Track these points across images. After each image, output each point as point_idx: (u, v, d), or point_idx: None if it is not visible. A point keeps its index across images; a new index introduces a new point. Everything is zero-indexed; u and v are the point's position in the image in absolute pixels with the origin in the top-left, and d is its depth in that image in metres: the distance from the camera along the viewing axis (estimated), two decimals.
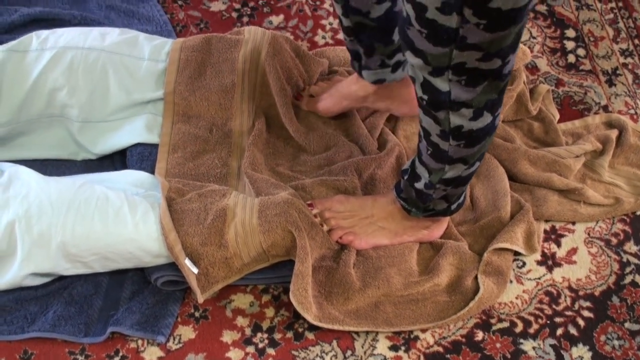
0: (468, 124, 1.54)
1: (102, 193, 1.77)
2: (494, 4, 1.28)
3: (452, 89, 1.46)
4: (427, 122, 1.59)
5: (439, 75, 1.45)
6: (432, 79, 1.46)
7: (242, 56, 2.06)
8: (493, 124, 1.58)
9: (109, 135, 2.02)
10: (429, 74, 1.45)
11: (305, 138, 2.07)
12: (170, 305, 1.82)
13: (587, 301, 1.89)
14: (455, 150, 1.61)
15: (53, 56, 1.97)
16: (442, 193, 1.76)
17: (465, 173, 1.70)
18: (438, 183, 1.72)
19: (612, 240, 2.00)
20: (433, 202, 1.80)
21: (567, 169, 2.05)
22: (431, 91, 1.49)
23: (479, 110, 1.52)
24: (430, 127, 1.60)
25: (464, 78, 1.44)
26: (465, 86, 1.46)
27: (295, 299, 1.74)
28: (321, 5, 2.45)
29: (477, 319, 1.85)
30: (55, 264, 1.75)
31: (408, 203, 1.84)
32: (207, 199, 1.81)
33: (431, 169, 1.70)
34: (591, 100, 2.26)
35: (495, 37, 1.35)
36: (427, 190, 1.76)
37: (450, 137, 1.58)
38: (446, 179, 1.70)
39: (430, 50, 1.40)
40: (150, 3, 2.38)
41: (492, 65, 1.42)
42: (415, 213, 1.85)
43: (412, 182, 1.78)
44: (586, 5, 2.52)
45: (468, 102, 1.49)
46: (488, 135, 1.60)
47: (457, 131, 1.56)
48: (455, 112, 1.51)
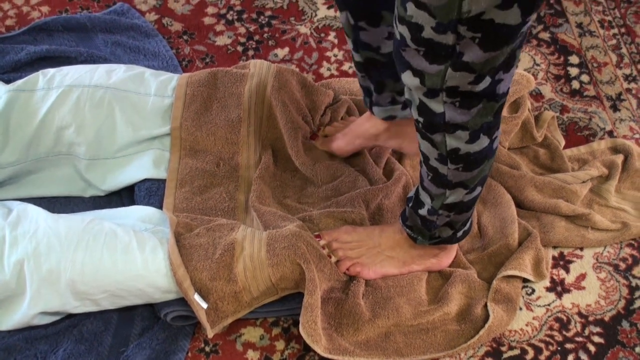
0: (465, 147, 1.54)
1: (110, 229, 1.78)
2: (487, 16, 1.29)
3: (447, 110, 1.47)
4: (425, 146, 1.60)
5: (433, 97, 1.45)
6: (427, 101, 1.47)
7: (247, 90, 2.07)
8: (491, 147, 1.58)
9: (116, 171, 2.02)
10: (424, 95, 1.46)
11: (312, 170, 2.07)
12: (180, 341, 1.82)
13: (597, 327, 1.89)
14: (454, 174, 1.62)
15: (60, 95, 1.98)
16: (445, 219, 1.76)
17: (467, 198, 1.70)
18: (440, 209, 1.72)
19: (620, 265, 1.99)
20: (438, 230, 1.80)
21: (574, 194, 2.05)
22: (426, 113, 1.49)
23: (475, 133, 1.52)
24: (428, 151, 1.60)
25: (457, 100, 1.45)
26: (460, 108, 1.46)
27: (305, 332, 1.74)
28: (326, 37, 2.47)
29: (487, 347, 1.85)
30: (64, 302, 1.76)
31: (414, 231, 1.84)
32: (216, 233, 1.82)
33: (433, 195, 1.70)
34: (596, 126, 2.27)
35: (488, 57, 1.36)
36: (430, 217, 1.76)
37: (448, 161, 1.58)
38: (448, 204, 1.70)
39: (427, 69, 1.40)
40: (156, 39, 2.40)
41: (484, 84, 1.42)
42: (422, 241, 1.85)
43: (416, 209, 1.78)
44: (589, 31, 2.53)
45: (463, 125, 1.50)
46: (486, 158, 1.60)
47: (454, 154, 1.56)
48: (451, 134, 1.52)
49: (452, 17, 1.30)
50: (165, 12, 2.50)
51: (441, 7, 1.29)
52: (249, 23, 2.49)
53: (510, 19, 1.30)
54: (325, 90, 2.19)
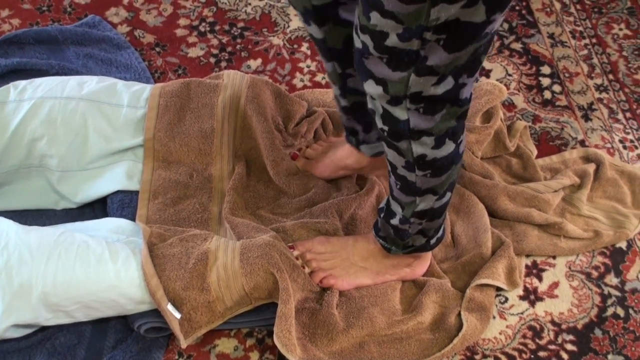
0: (431, 153, 1.55)
1: (82, 241, 1.76)
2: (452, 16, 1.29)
3: (411, 117, 1.47)
4: (391, 155, 1.60)
5: (397, 104, 1.45)
6: (390, 109, 1.46)
7: (221, 101, 2.07)
8: (457, 151, 1.59)
9: (89, 183, 2.01)
10: (388, 103, 1.46)
11: (286, 181, 2.07)
12: (154, 353, 1.81)
13: (570, 334, 1.89)
14: (422, 180, 1.62)
15: (31, 107, 1.97)
16: (418, 227, 1.76)
17: (437, 204, 1.70)
18: (412, 217, 1.72)
19: (592, 273, 2.00)
20: (411, 238, 1.80)
21: (546, 203, 2.06)
22: (390, 121, 1.49)
23: (440, 138, 1.52)
24: (395, 160, 1.60)
25: (421, 106, 1.45)
26: (424, 114, 1.46)
27: (279, 341, 1.73)
28: (299, 48, 2.47)
29: (461, 355, 1.85)
30: (36, 315, 1.74)
31: (387, 241, 1.84)
32: (189, 243, 1.81)
33: (403, 204, 1.70)
34: (568, 136, 2.28)
35: (453, 58, 1.36)
36: (402, 226, 1.76)
37: (415, 168, 1.58)
38: (419, 211, 1.71)
39: (390, 77, 1.40)
40: (128, 51, 2.39)
41: (447, 86, 1.42)
42: (395, 251, 1.85)
43: (388, 220, 1.78)
44: (561, 42, 2.54)
45: (428, 131, 1.50)
46: (453, 163, 1.61)
47: (421, 160, 1.56)
48: (416, 141, 1.52)
49: (420, 23, 1.30)
50: (137, 24, 2.50)
51: (409, 15, 1.29)
52: (222, 34, 2.49)
53: (476, 17, 1.30)
54: (299, 100, 2.19)
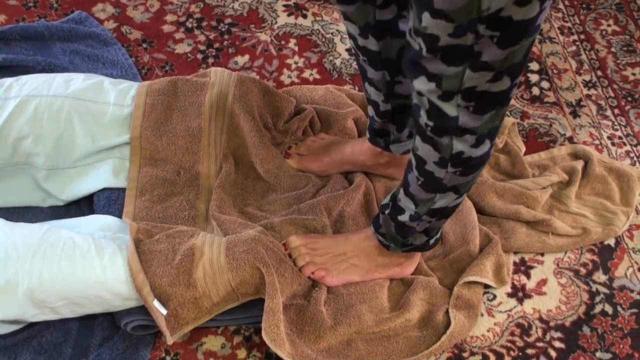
0: (469, 151, 1.53)
1: (68, 237, 1.76)
2: (505, 13, 1.28)
3: (460, 115, 1.45)
4: (424, 150, 1.58)
5: (448, 100, 1.43)
6: (441, 104, 1.45)
7: (208, 100, 2.06)
8: (489, 151, 1.58)
9: (75, 181, 2.01)
10: (439, 98, 1.44)
11: (276, 177, 2.07)
12: (141, 350, 1.80)
13: (558, 332, 1.90)
14: (451, 177, 1.60)
15: (17, 105, 1.96)
16: (425, 225, 1.76)
17: (453, 203, 1.69)
18: (425, 214, 1.71)
19: (581, 271, 2.00)
20: (413, 237, 1.80)
21: (535, 200, 2.06)
22: (438, 117, 1.48)
23: (481, 137, 1.51)
24: (427, 155, 1.58)
25: (472, 104, 1.43)
26: (473, 113, 1.45)
27: (268, 336, 1.73)
28: (286, 44, 2.46)
29: (449, 353, 1.85)
30: (22, 311, 1.73)
31: (386, 238, 1.84)
32: (175, 239, 1.80)
33: (419, 200, 1.69)
34: (556, 132, 2.28)
35: (507, 54, 1.35)
36: (411, 223, 1.75)
37: (449, 164, 1.57)
38: (435, 209, 1.69)
39: (445, 72, 1.39)
40: (114, 47, 2.38)
41: (502, 86, 1.41)
42: (394, 248, 1.85)
43: (394, 216, 1.77)
44: (549, 38, 2.54)
45: (474, 129, 1.49)
46: (483, 163, 1.60)
47: (457, 158, 1.55)
48: (459, 137, 1.50)
49: (472, 17, 1.28)
50: (124, 20, 2.49)
51: (460, 10, 1.28)
52: (209, 31, 2.48)
53: (529, 13, 1.29)
54: (287, 97, 2.18)
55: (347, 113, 2.20)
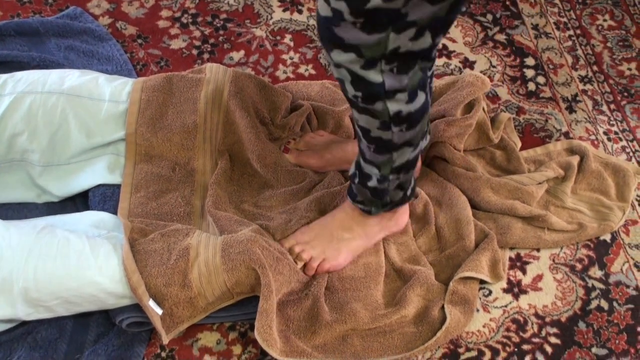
0: (406, 107, 1.55)
1: (63, 236, 1.76)
2: None
3: (386, 79, 1.46)
4: (364, 120, 1.60)
5: (371, 68, 1.44)
6: (364, 73, 1.45)
7: (203, 96, 2.06)
8: (428, 100, 1.59)
9: (70, 177, 2.00)
10: (361, 68, 1.45)
11: (274, 173, 2.07)
12: (136, 347, 1.80)
13: (553, 327, 1.89)
14: (399, 135, 1.62)
15: (12, 102, 1.95)
16: (396, 182, 1.77)
17: (412, 155, 1.71)
18: (391, 174, 1.73)
19: (576, 266, 2.00)
20: (390, 195, 1.81)
21: (530, 196, 2.06)
22: (364, 86, 1.49)
23: (413, 92, 1.53)
24: (368, 124, 1.60)
25: (395, 65, 1.44)
26: (398, 74, 1.46)
27: (260, 336, 1.73)
28: (281, 40, 2.46)
29: (445, 349, 1.85)
30: (17, 310, 1.73)
31: (365, 204, 1.85)
32: (171, 238, 1.80)
33: (379, 163, 1.70)
34: (552, 127, 2.27)
35: (435, 10, 1.36)
36: (381, 185, 1.76)
37: (391, 125, 1.58)
38: (397, 166, 1.71)
39: (366, 41, 1.39)
40: (109, 43, 2.38)
41: (423, 44, 1.42)
42: (376, 211, 1.86)
43: (364, 183, 1.78)
44: (545, 33, 2.54)
45: (402, 88, 1.50)
46: (426, 112, 1.61)
47: (397, 117, 1.56)
48: (391, 99, 1.52)
49: None
50: (119, 16, 2.49)
51: None
52: (204, 26, 2.48)
53: None
54: (284, 92, 2.18)
55: (343, 110, 2.20)
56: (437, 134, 2.10)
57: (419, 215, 2.05)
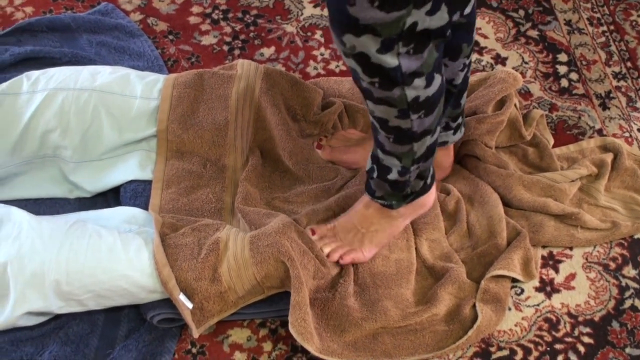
0: (424, 93, 1.53)
1: (94, 231, 1.77)
2: None
3: (402, 61, 1.44)
4: (381, 110, 1.57)
5: (388, 50, 1.41)
6: (381, 57, 1.42)
7: (235, 93, 2.06)
8: (443, 82, 1.58)
9: (102, 173, 2.01)
10: (377, 52, 1.41)
11: (305, 169, 2.07)
12: (167, 342, 1.81)
13: (586, 327, 1.88)
14: (418, 123, 1.59)
15: (44, 98, 1.96)
16: (416, 172, 1.75)
17: (432, 141, 1.68)
18: (412, 165, 1.71)
19: (610, 265, 1.99)
20: (410, 186, 1.79)
21: (563, 193, 2.04)
22: (380, 71, 1.45)
23: (430, 75, 1.51)
24: (386, 114, 1.57)
25: (412, 47, 1.42)
26: (414, 54, 1.44)
27: (295, 330, 1.73)
28: (312, 36, 2.46)
29: (476, 347, 1.84)
30: (49, 303, 1.74)
31: (386, 199, 1.83)
32: (201, 233, 1.81)
33: (400, 154, 1.68)
34: (585, 124, 2.26)
35: None
36: (402, 177, 1.74)
37: (410, 112, 1.56)
38: (418, 157, 1.69)
39: (383, 19, 1.35)
40: (141, 39, 2.38)
41: (440, 20, 1.41)
42: (397, 204, 1.84)
43: (384, 177, 1.76)
44: (578, 29, 2.52)
45: (419, 71, 1.48)
46: (442, 96, 1.59)
47: (415, 103, 1.54)
48: (409, 85, 1.49)
49: None
50: (150, 12, 2.49)
51: None
52: (235, 22, 2.48)
53: None
54: (315, 88, 2.17)
55: None
56: (469, 131, 2.09)
57: (450, 212, 2.04)
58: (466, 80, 1.90)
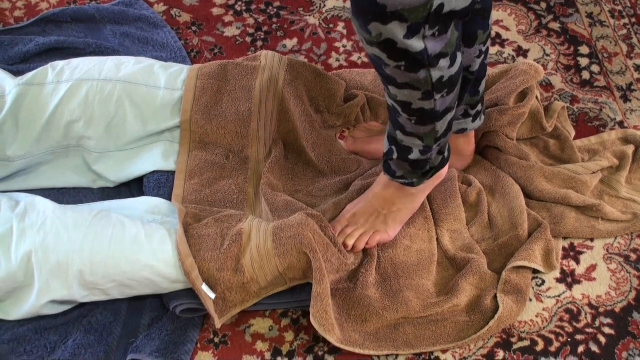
0: (447, 72, 1.53)
1: (118, 220, 1.78)
2: None
3: (427, 44, 1.43)
4: (404, 94, 1.56)
5: (414, 35, 1.40)
6: (407, 42, 1.41)
7: (258, 84, 2.06)
8: (461, 60, 1.58)
9: (126, 163, 2.03)
10: (404, 37, 1.40)
11: (328, 161, 2.08)
12: (189, 332, 1.82)
13: (607, 318, 1.88)
14: (441, 102, 1.59)
15: (69, 89, 1.98)
16: (437, 149, 1.75)
17: (451, 117, 1.69)
18: (435, 143, 1.71)
19: (631, 256, 1.99)
20: (431, 162, 1.79)
21: (584, 185, 2.05)
22: (407, 56, 1.45)
23: (453, 55, 1.51)
24: (410, 97, 1.57)
25: (437, 29, 1.42)
26: (439, 36, 1.44)
27: (317, 322, 1.74)
28: (335, 28, 2.46)
29: (497, 338, 1.85)
30: (72, 292, 1.76)
31: (407, 177, 1.83)
32: (224, 224, 1.81)
33: (422, 134, 1.68)
34: (606, 117, 2.26)
35: None
36: (424, 156, 1.74)
37: (434, 93, 1.56)
38: (440, 135, 1.70)
39: (412, 3, 1.35)
40: (164, 30, 2.39)
41: (466, 2, 1.42)
42: (419, 182, 1.84)
43: (405, 157, 1.76)
44: (599, 21, 2.52)
45: (444, 52, 1.48)
46: (461, 72, 1.60)
47: (439, 83, 1.54)
48: (435, 67, 1.49)
49: None
50: (174, 3, 2.50)
51: None
52: (258, 14, 2.48)
53: None
54: (338, 80, 2.18)
55: None
56: (490, 123, 2.09)
57: (472, 203, 2.04)
58: (483, 67, 1.90)
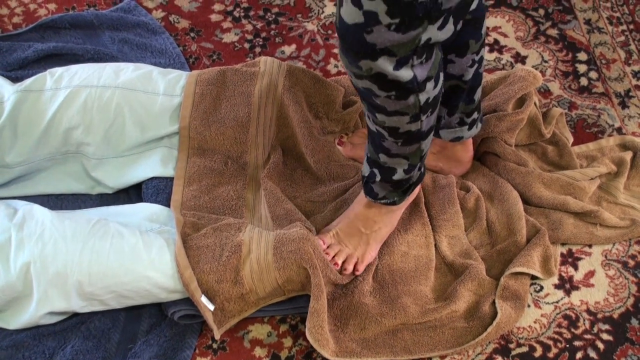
0: (432, 93, 1.54)
1: (116, 230, 1.78)
2: None
3: (416, 72, 1.45)
4: (393, 120, 1.57)
5: (403, 66, 1.42)
6: (397, 73, 1.43)
7: (257, 90, 2.06)
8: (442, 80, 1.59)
9: (124, 170, 2.03)
10: (394, 69, 1.42)
11: (327, 167, 2.08)
12: (187, 338, 1.82)
13: (605, 324, 1.88)
14: (426, 122, 1.60)
15: (67, 95, 1.98)
16: (419, 165, 1.76)
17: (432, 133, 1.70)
18: (420, 161, 1.72)
19: (629, 262, 1.99)
20: (412, 180, 1.79)
21: (582, 191, 2.05)
22: (396, 85, 1.46)
23: (437, 76, 1.53)
24: (398, 122, 1.58)
25: (424, 57, 1.44)
26: (426, 62, 1.45)
27: (312, 336, 1.74)
28: (333, 34, 2.46)
29: (495, 344, 1.85)
30: (71, 303, 1.76)
31: (388, 197, 1.83)
32: (223, 233, 1.81)
33: (407, 154, 1.69)
34: (605, 123, 2.26)
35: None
36: (408, 175, 1.75)
37: (421, 115, 1.57)
38: (424, 153, 1.71)
39: (400, 40, 1.36)
40: (163, 36, 2.39)
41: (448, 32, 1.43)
42: (400, 200, 1.84)
43: (388, 178, 1.76)
44: (597, 28, 2.52)
45: (430, 75, 1.49)
46: (441, 92, 1.61)
47: (426, 105, 1.55)
48: (423, 91, 1.51)
49: None
50: (172, 10, 2.50)
51: None
52: (256, 20, 2.49)
53: None
54: (337, 85, 2.17)
55: None
56: (488, 129, 2.09)
57: (470, 209, 2.04)
58: (478, 75, 1.91)
